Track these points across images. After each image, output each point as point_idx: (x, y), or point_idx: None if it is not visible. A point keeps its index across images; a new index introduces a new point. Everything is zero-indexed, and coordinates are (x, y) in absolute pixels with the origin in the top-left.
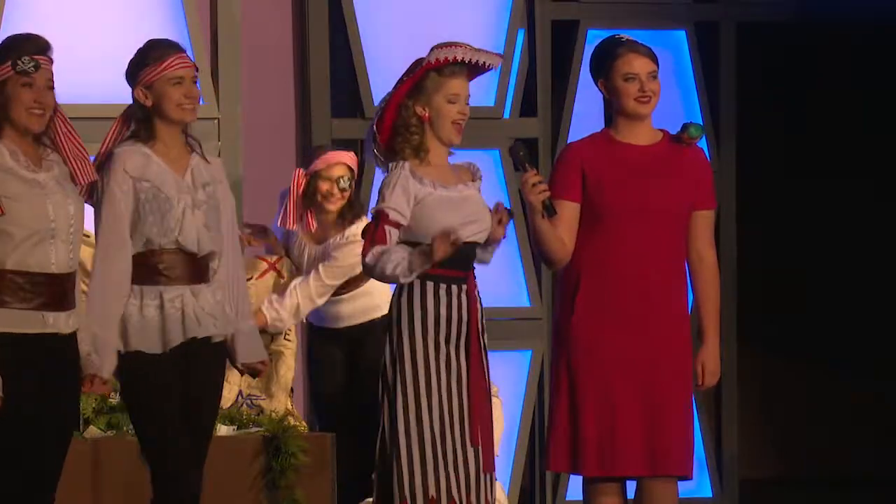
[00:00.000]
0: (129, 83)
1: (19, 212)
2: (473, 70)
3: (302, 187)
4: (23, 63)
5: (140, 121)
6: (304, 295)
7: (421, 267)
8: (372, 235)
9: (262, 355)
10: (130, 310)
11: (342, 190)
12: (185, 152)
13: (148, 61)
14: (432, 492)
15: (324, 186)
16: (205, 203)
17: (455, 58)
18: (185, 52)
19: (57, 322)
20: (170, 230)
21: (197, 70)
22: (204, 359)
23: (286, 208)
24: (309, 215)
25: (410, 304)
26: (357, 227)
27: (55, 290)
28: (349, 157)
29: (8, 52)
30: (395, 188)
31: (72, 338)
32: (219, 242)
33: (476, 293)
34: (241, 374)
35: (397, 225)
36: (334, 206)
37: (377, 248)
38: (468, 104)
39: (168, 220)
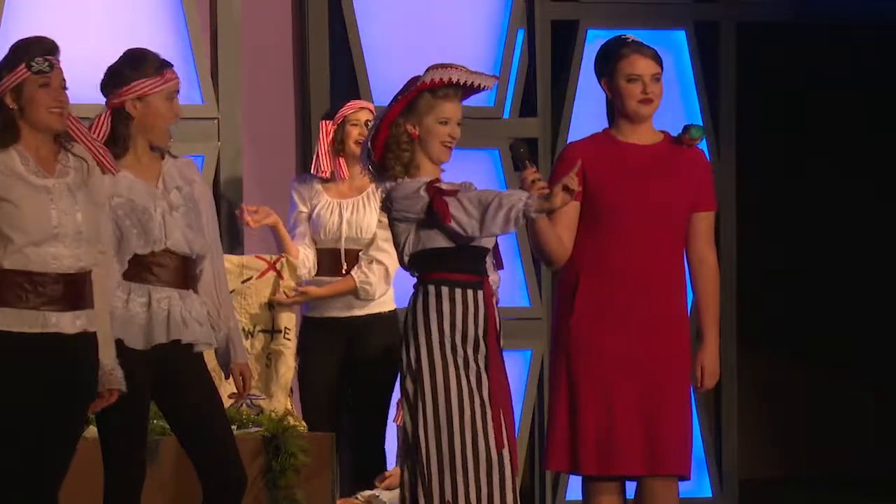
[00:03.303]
0: (111, 90)
1: (21, 218)
2: (467, 90)
3: (331, 136)
4: (37, 64)
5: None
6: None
7: (539, 211)
8: (442, 199)
9: (246, 356)
10: (115, 302)
11: None
12: (155, 158)
13: (147, 72)
14: (449, 496)
15: (354, 131)
16: (182, 205)
17: (450, 80)
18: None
19: (60, 321)
20: (157, 239)
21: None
22: (183, 361)
23: (318, 157)
24: (340, 164)
25: (426, 309)
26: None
27: (60, 289)
28: (367, 103)
29: (20, 55)
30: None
31: (79, 338)
32: (203, 242)
33: (492, 299)
34: (227, 377)
35: (455, 191)
36: None
37: (457, 200)
38: (459, 125)
39: (151, 229)
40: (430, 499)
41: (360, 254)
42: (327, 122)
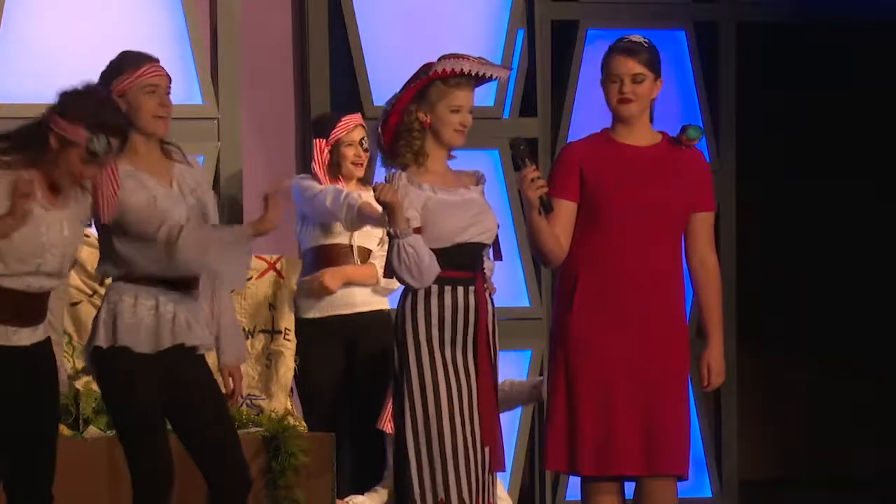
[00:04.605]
0: None
1: (11, 249)
2: (479, 80)
3: (326, 156)
4: (95, 145)
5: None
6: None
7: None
8: (389, 251)
9: (243, 355)
10: (122, 307)
11: (365, 150)
12: (164, 161)
13: (123, 69)
14: (441, 494)
15: (349, 152)
16: (194, 207)
17: (462, 70)
18: (158, 61)
19: (20, 336)
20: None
21: (170, 80)
22: (188, 364)
23: (317, 180)
24: (340, 183)
25: (414, 307)
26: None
27: (25, 309)
28: (360, 117)
29: (95, 110)
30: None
31: (37, 348)
32: None
33: (486, 294)
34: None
35: (418, 230)
36: (362, 170)
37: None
38: (471, 113)
39: None
40: (423, 498)
41: (375, 249)
42: (321, 140)
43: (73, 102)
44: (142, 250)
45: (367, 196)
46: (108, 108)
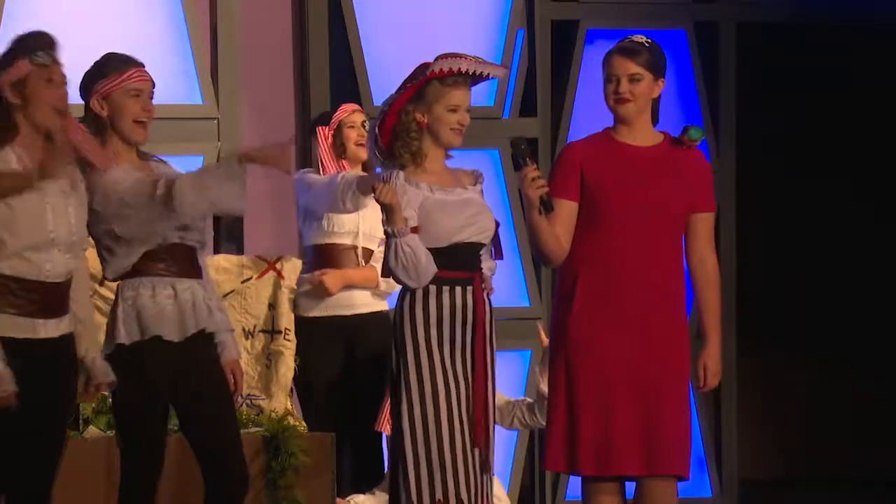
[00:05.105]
0: (83, 94)
1: (16, 220)
2: (476, 78)
3: (329, 140)
4: (39, 56)
5: (94, 134)
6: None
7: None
8: (387, 247)
9: (237, 352)
10: (142, 300)
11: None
12: (142, 162)
13: (108, 72)
14: (439, 495)
15: (352, 134)
16: None
17: (459, 69)
18: (143, 66)
19: (47, 328)
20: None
21: (154, 85)
22: (206, 356)
23: (322, 163)
24: (344, 167)
25: (412, 307)
26: None
27: (48, 299)
28: (359, 107)
29: (20, 48)
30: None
31: (63, 340)
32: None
33: (483, 294)
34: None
35: (416, 230)
36: (366, 151)
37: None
38: (468, 112)
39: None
40: (420, 499)
41: (376, 250)
42: (323, 127)
43: (1, 57)
44: (144, 222)
45: None
46: (26, 35)
